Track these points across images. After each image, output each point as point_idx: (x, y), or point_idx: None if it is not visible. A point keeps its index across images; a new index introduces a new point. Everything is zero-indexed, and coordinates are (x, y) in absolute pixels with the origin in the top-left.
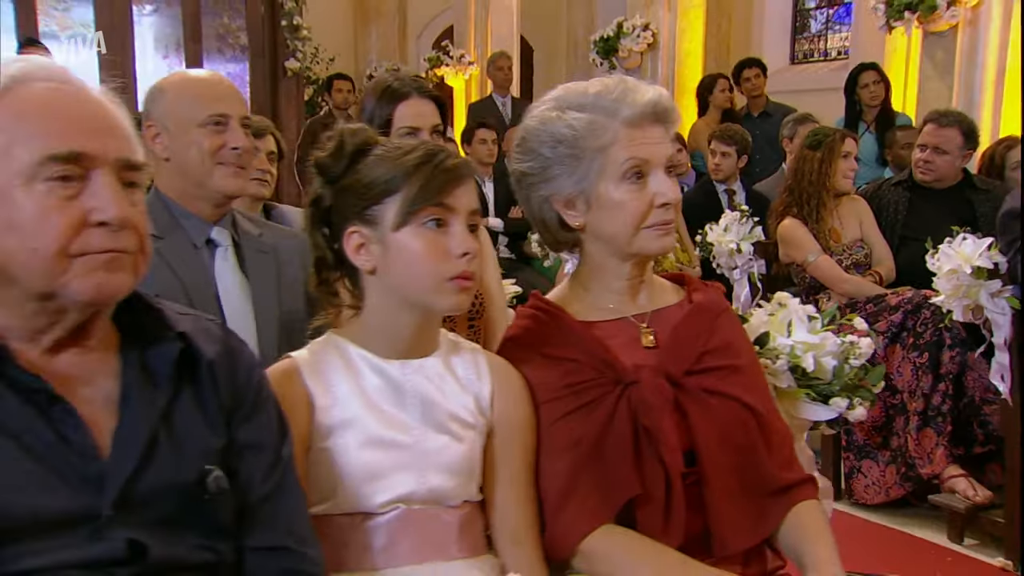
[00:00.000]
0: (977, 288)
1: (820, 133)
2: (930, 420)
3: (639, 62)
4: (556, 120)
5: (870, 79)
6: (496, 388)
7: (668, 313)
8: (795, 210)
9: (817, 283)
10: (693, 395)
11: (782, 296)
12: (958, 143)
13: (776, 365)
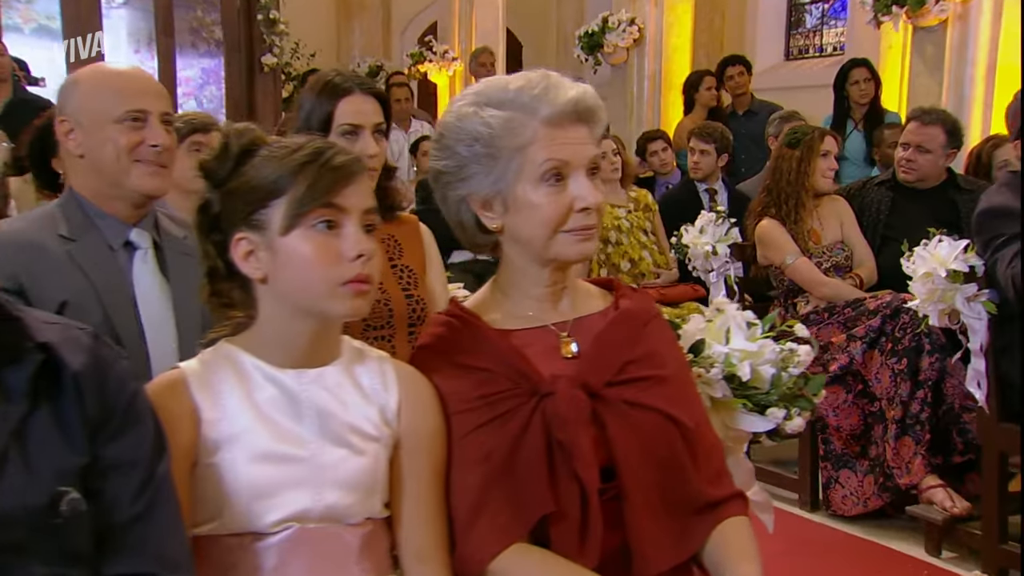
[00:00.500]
0: (953, 292)
1: (799, 131)
2: (908, 428)
3: (625, 58)
4: (473, 117)
5: (860, 76)
6: (403, 398)
7: (591, 321)
8: (773, 210)
9: (796, 286)
10: (613, 407)
11: (720, 302)
12: (941, 142)
13: (710, 374)
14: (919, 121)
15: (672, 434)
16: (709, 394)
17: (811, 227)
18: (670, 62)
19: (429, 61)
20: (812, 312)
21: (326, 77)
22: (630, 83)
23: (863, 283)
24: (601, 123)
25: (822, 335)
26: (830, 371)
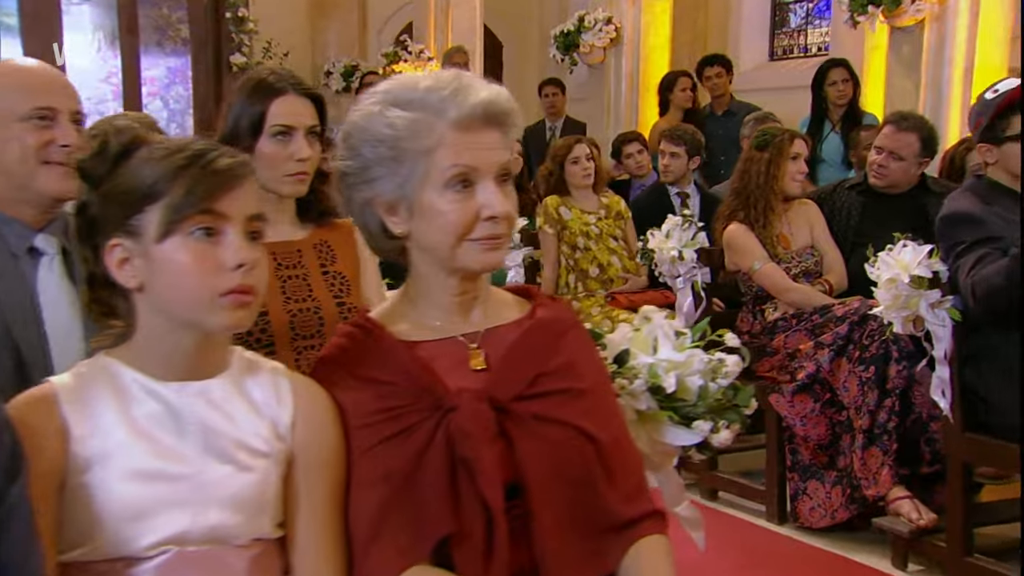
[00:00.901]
0: (916, 298)
1: (768, 133)
2: (876, 438)
3: (602, 58)
4: (378, 117)
5: (838, 76)
6: (298, 412)
7: (504, 332)
8: (741, 214)
9: (764, 292)
10: (522, 422)
11: (648, 310)
12: (915, 150)
13: (634, 386)
14: (895, 126)
15: (586, 450)
16: (634, 407)
17: (780, 232)
18: (648, 62)
19: (404, 61)
20: (780, 319)
21: (258, 76)
22: (607, 83)
23: (832, 289)
24: (515, 127)
25: (790, 342)
26: (797, 379)
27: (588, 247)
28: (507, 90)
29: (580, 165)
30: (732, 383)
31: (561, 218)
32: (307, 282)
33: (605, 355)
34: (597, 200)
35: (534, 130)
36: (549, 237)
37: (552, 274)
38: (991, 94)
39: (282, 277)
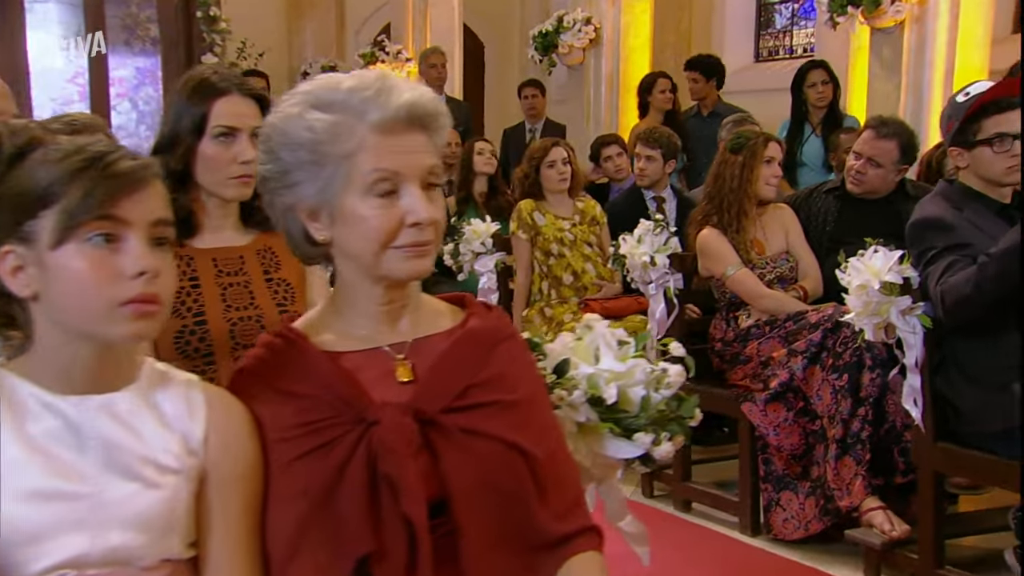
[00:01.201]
0: (887, 305)
1: (742, 136)
2: (849, 448)
3: (581, 58)
4: (296, 120)
5: (818, 78)
6: (211, 426)
7: (433, 342)
8: (715, 219)
9: (738, 299)
10: (449, 435)
11: (591, 318)
12: (894, 157)
13: (573, 397)
14: (875, 132)
15: (516, 464)
16: (574, 418)
17: (754, 237)
18: (628, 63)
19: (381, 62)
20: (753, 325)
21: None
22: (587, 85)
23: (807, 295)
24: (442, 130)
25: (763, 350)
26: (770, 388)
27: (562, 254)
28: (432, 91)
29: (556, 169)
30: (676, 394)
31: (535, 224)
32: (249, 289)
33: (544, 365)
34: (572, 205)
35: (514, 132)
36: (522, 243)
37: (525, 280)
38: (962, 97)
39: (223, 284)
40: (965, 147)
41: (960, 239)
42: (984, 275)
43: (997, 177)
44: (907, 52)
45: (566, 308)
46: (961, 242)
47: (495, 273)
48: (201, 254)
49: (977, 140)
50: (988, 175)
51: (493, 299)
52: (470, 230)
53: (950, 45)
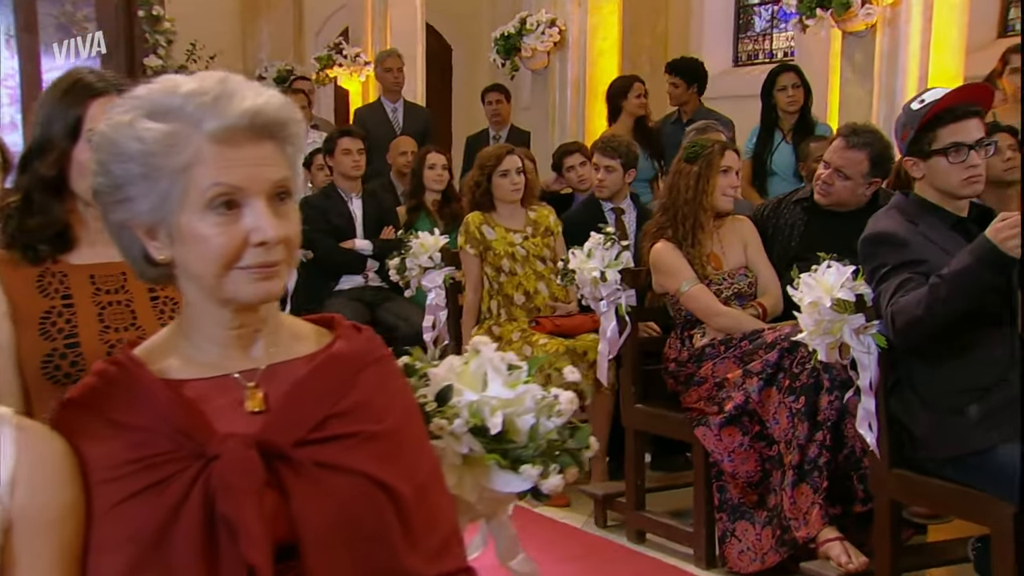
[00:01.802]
0: (840, 323)
1: (697, 144)
2: (806, 475)
3: (546, 62)
4: (126, 129)
5: (788, 82)
6: (20, 467)
7: (291, 368)
8: (669, 232)
9: (694, 316)
10: (302, 471)
11: (480, 341)
12: (863, 169)
13: (454, 427)
14: (845, 141)
15: (379, 501)
16: (456, 449)
17: (711, 251)
18: (595, 67)
19: (339, 65)
20: (708, 345)
21: (76, 75)
22: (551, 90)
23: (766, 313)
24: (294, 138)
25: (718, 370)
26: (725, 411)
27: (513, 271)
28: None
29: (509, 179)
30: (569, 423)
31: (484, 238)
32: (131, 308)
33: (426, 392)
34: (524, 215)
35: (477, 140)
36: (471, 258)
37: (474, 298)
38: (917, 104)
39: (100, 303)
40: (920, 157)
41: (914, 255)
42: (935, 297)
43: (953, 189)
44: (879, 57)
45: (514, 327)
46: (915, 258)
47: (444, 289)
48: (76, 270)
49: (932, 150)
50: (944, 186)
51: (442, 317)
52: (417, 243)
53: (923, 50)
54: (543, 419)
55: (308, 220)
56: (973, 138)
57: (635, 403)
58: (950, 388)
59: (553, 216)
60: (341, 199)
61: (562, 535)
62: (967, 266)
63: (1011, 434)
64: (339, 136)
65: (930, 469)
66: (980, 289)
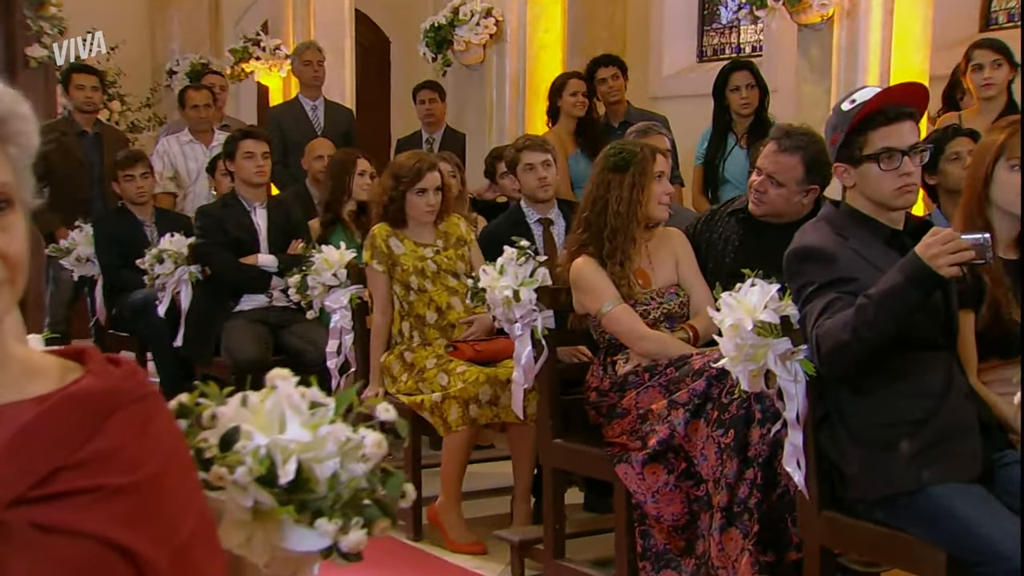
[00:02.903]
0: (764, 349)
1: (625, 150)
2: (735, 518)
3: (481, 57)
4: None
5: (742, 81)
6: None
7: (17, 411)
8: (592, 248)
9: (617, 340)
10: (15, 536)
11: (278, 373)
12: (797, 175)
13: (236, 476)
14: (776, 144)
15: (114, 568)
16: (242, 503)
17: (639, 267)
18: (536, 62)
19: (256, 59)
20: (631, 372)
21: None
22: (488, 87)
23: (697, 336)
24: (17, 137)
25: (642, 401)
26: (649, 446)
27: (423, 287)
28: (9, 90)
29: (426, 199)
30: (383, 469)
31: (391, 252)
32: None
33: (207, 436)
34: (433, 228)
35: (409, 143)
36: (378, 275)
37: (383, 320)
38: (848, 104)
39: None
40: (851, 163)
41: (842, 272)
42: (862, 319)
43: (885, 199)
44: (837, 52)
45: (430, 352)
46: (843, 276)
47: (350, 310)
48: None
49: (864, 155)
50: (876, 196)
51: (348, 341)
52: (320, 258)
53: (885, 45)
54: (349, 465)
55: (204, 232)
56: (907, 143)
57: (552, 438)
58: (880, 421)
59: (464, 224)
60: (242, 209)
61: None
62: (895, 285)
63: (944, 473)
64: (241, 138)
65: (860, 511)
66: (910, 311)
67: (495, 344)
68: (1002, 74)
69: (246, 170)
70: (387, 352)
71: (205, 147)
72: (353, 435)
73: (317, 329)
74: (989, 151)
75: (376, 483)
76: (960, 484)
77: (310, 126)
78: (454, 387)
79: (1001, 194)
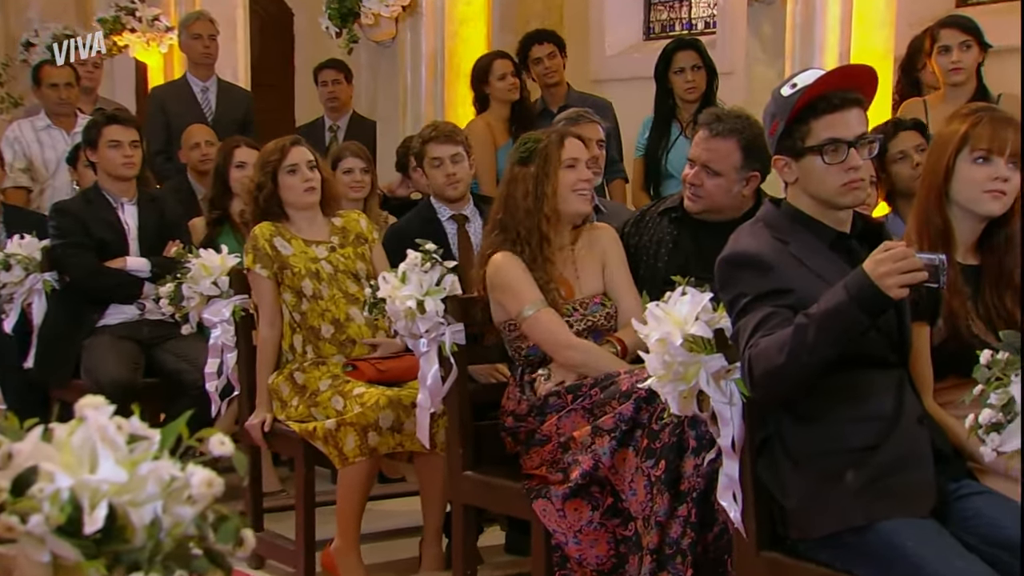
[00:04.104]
0: (696, 366)
1: (529, 141)
2: (667, 561)
3: (393, 32)
4: None
5: (686, 62)
6: None
7: None
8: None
9: (538, 354)
10: None
11: (87, 403)
12: (735, 162)
13: (30, 525)
14: (707, 130)
15: None
16: (37, 558)
17: (561, 273)
18: (456, 39)
19: (132, 31)
20: (553, 393)
21: None
22: (401, 68)
23: (626, 351)
24: None
25: (564, 427)
26: (571, 479)
27: (318, 294)
28: None
29: (300, 175)
30: (218, 513)
31: (278, 254)
32: None
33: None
34: (327, 224)
35: (310, 131)
36: (263, 282)
37: (272, 333)
38: (788, 89)
39: None
40: (792, 156)
41: (780, 283)
42: (801, 341)
43: (831, 196)
44: (791, 29)
45: (323, 372)
46: (781, 287)
47: (232, 324)
48: None
49: (806, 147)
50: (820, 193)
51: (230, 360)
52: (197, 264)
53: (844, 21)
54: (174, 508)
55: (61, 232)
56: (854, 133)
57: (463, 470)
58: (824, 448)
59: (364, 220)
60: (108, 205)
61: None
62: (839, 304)
63: (895, 507)
64: (104, 123)
65: (804, 551)
66: (853, 335)
67: (400, 363)
68: (971, 57)
69: (111, 161)
70: (276, 372)
71: (66, 133)
72: (180, 473)
73: (196, 346)
74: (950, 142)
75: (207, 529)
76: (912, 519)
77: (200, 111)
78: (350, 412)
79: (963, 191)
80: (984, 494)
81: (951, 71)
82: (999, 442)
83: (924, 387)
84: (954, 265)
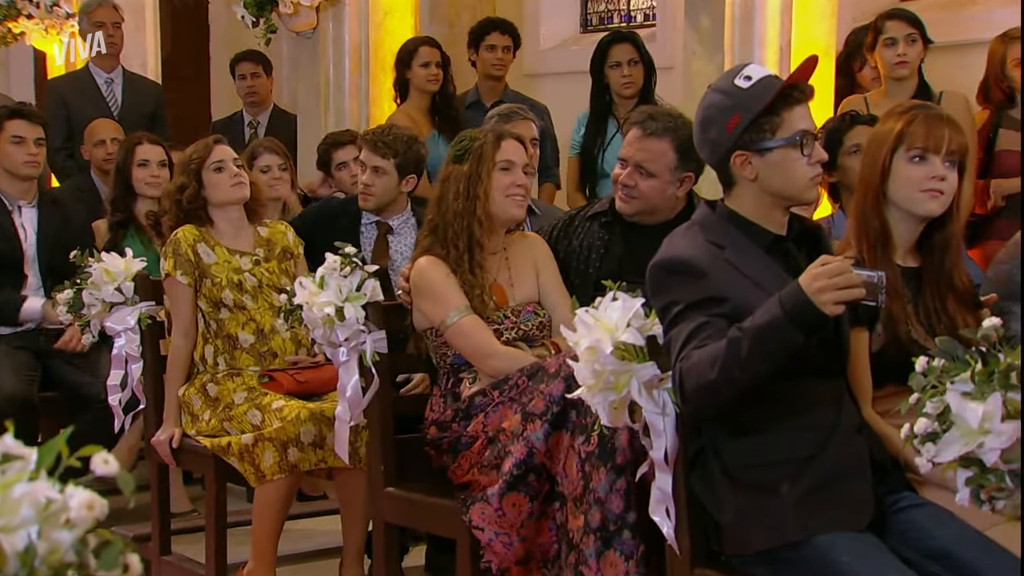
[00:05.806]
0: (627, 375)
1: (466, 138)
2: (612, 538)
3: (314, 22)
4: None
5: (623, 56)
6: None
7: None
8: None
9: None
10: None
11: None
12: (669, 162)
13: None
14: (640, 129)
15: None
16: None
17: (494, 280)
18: (382, 30)
19: (29, 17)
20: (478, 393)
21: None
22: (323, 60)
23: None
24: None
25: (491, 422)
26: (504, 472)
27: (241, 303)
28: None
29: (228, 171)
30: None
31: (200, 261)
32: None
33: None
34: (253, 233)
35: (229, 126)
36: (182, 289)
37: (185, 343)
38: (744, 81)
39: None
40: (756, 151)
41: (714, 291)
42: (733, 356)
43: (799, 190)
44: (729, 22)
45: (239, 384)
46: (715, 295)
47: (138, 333)
48: None
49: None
50: (786, 188)
51: (135, 371)
52: (99, 269)
53: (785, 13)
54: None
55: None
56: (815, 126)
57: (384, 486)
58: (759, 460)
59: (292, 234)
60: (3, 208)
61: None
62: (773, 320)
63: (831, 521)
64: (8, 117)
65: (738, 567)
66: (790, 351)
67: (320, 373)
68: (916, 51)
69: (12, 159)
70: (186, 384)
71: None
72: (58, 496)
73: (99, 357)
74: (886, 141)
75: (87, 555)
76: (849, 533)
77: (104, 104)
78: (269, 427)
79: (900, 190)
80: (922, 507)
81: (896, 64)
82: (934, 452)
83: (863, 395)
84: (893, 267)
